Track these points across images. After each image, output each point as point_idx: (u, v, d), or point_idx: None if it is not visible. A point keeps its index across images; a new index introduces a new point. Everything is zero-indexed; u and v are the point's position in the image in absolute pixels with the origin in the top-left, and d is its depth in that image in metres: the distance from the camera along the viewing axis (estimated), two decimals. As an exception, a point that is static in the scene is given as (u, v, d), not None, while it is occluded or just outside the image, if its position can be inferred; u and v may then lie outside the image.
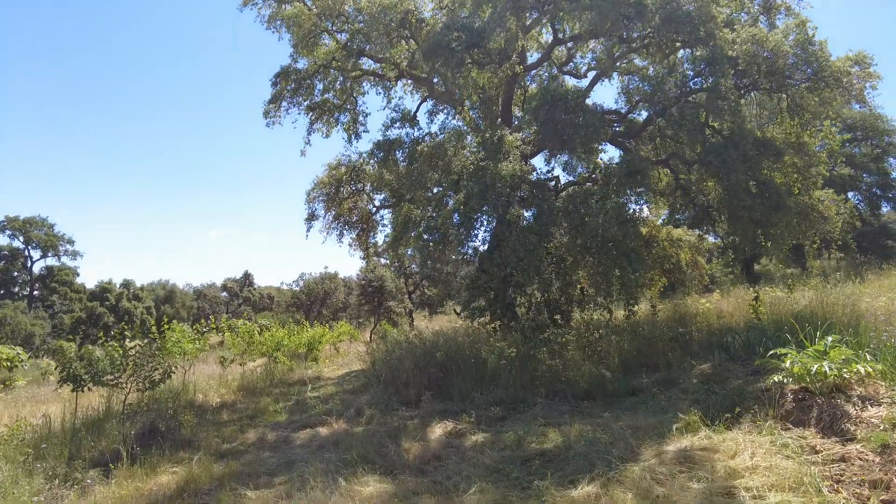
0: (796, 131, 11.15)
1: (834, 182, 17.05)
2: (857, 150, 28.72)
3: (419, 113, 14.31)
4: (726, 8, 11.38)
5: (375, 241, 16.89)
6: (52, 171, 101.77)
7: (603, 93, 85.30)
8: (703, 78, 10.64)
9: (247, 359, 14.83)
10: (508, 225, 9.80)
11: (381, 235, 16.64)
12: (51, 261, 51.32)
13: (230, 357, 14.61)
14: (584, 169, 11.99)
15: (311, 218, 15.74)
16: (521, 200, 10.60)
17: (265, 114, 14.52)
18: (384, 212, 16.04)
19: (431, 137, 12.34)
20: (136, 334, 10.93)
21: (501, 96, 13.78)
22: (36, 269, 50.95)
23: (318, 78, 14.77)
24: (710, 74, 10.25)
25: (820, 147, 11.68)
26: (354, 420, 8.72)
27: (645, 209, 12.81)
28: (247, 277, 55.81)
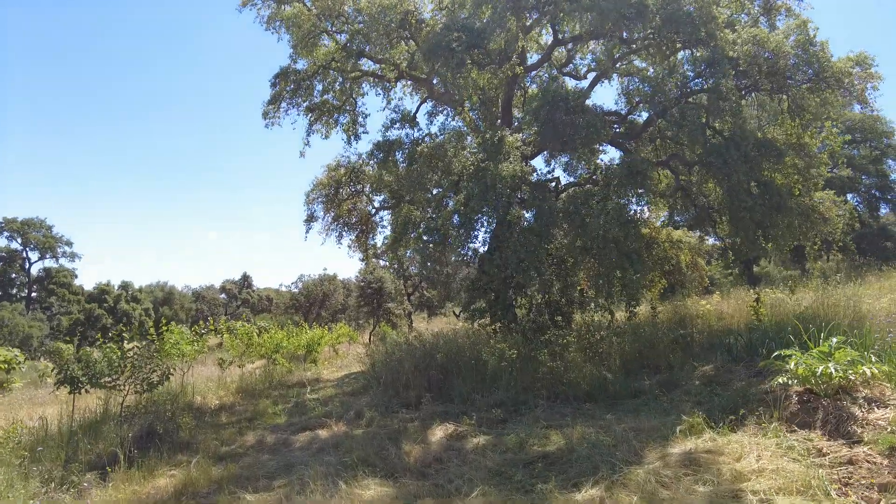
0: (797, 132, 11.13)
1: (833, 184, 17.04)
2: (855, 152, 28.81)
3: (419, 114, 14.36)
4: (727, 9, 11.37)
5: (375, 242, 16.86)
6: (52, 170, 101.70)
7: (603, 94, 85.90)
8: (704, 79, 10.63)
9: (245, 361, 14.75)
10: (509, 226, 9.75)
11: (381, 237, 16.62)
12: (49, 262, 51.37)
13: (229, 359, 14.51)
14: (585, 170, 11.97)
15: (310, 219, 15.69)
16: (521, 201, 10.57)
17: (264, 115, 14.51)
18: (383, 213, 16.01)
19: (431, 138, 12.31)
20: (135, 336, 10.87)
21: (501, 97, 13.74)
22: (34, 270, 50.98)
23: (317, 79, 14.75)
24: (710, 75, 10.23)
25: (821, 148, 11.66)
26: (354, 422, 8.65)
27: (645, 210, 12.78)
28: (245, 279, 55.74)
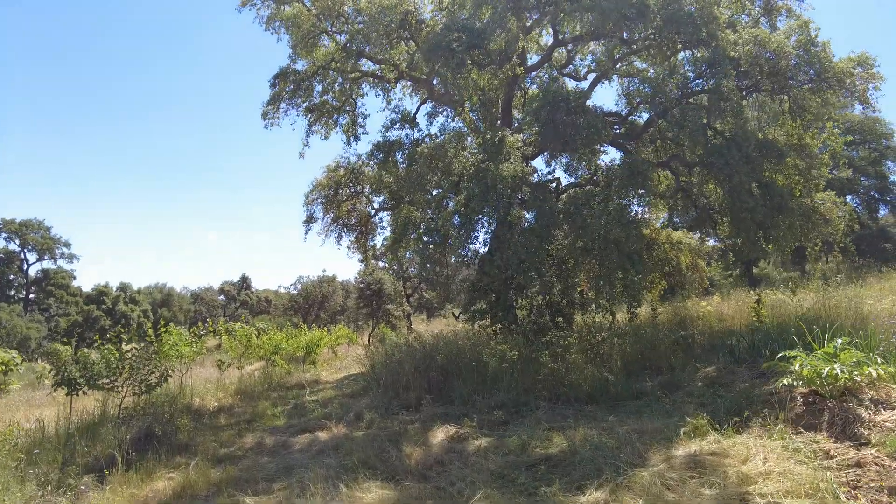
0: (798, 133, 11.11)
1: (833, 185, 17.03)
2: (855, 154, 28.83)
3: (419, 114, 14.29)
4: (728, 9, 11.34)
5: (374, 243, 16.79)
6: (51, 170, 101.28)
7: (603, 95, 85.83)
8: (705, 79, 10.59)
9: (244, 362, 14.69)
10: (509, 226, 9.70)
11: (380, 238, 16.56)
12: (47, 264, 51.19)
13: (228, 360, 14.44)
14: (586, 170, 11.92)
15: (309, 220, 15.61)
16: (522, 202, 10.52)
17: (263, 115, 14.45)
18: (383, 214, 15.95)
19: (431, 139, 12.27)
20: (133, 337, 10.78)
21: (501, 98, 13.69)
22: (32, 272, 50.76)
23: (316, 79, 14.69)
24: (711, 76, 10.20)
25: (822, 149, 11.64)
26: (354, 424, 8.57)
27: (646, 211, 12.75)
28: (244, 281, 55.60)
